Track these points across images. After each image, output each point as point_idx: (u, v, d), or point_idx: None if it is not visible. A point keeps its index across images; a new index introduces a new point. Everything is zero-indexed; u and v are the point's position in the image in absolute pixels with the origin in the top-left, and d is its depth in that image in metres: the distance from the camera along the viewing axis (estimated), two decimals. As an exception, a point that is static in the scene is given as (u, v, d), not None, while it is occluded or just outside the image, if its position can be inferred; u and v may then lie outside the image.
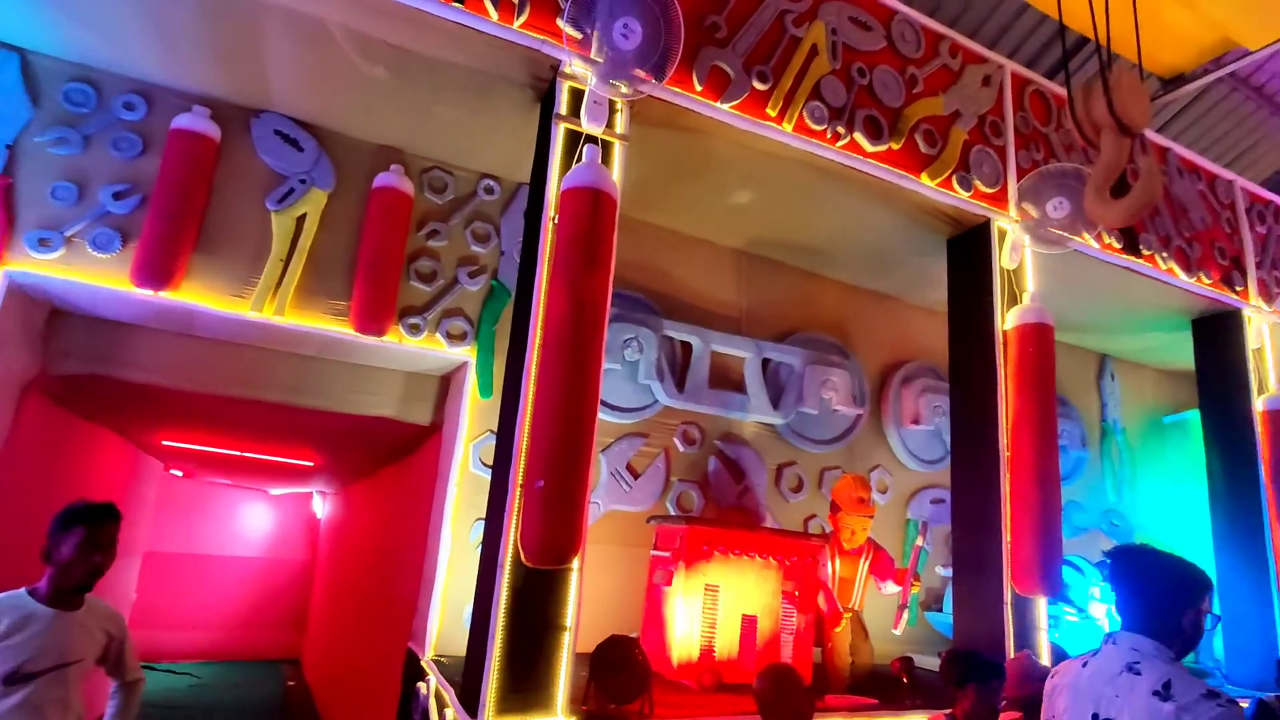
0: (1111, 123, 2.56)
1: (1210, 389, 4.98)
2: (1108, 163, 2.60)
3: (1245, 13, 3.65)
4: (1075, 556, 5.03)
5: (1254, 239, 5.02)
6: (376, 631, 5.05)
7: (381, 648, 4.63)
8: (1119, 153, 2.59)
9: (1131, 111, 2.54)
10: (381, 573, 5.34)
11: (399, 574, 4.39)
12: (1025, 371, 3.62)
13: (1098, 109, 2.60)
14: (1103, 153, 2.62)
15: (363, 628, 5.80)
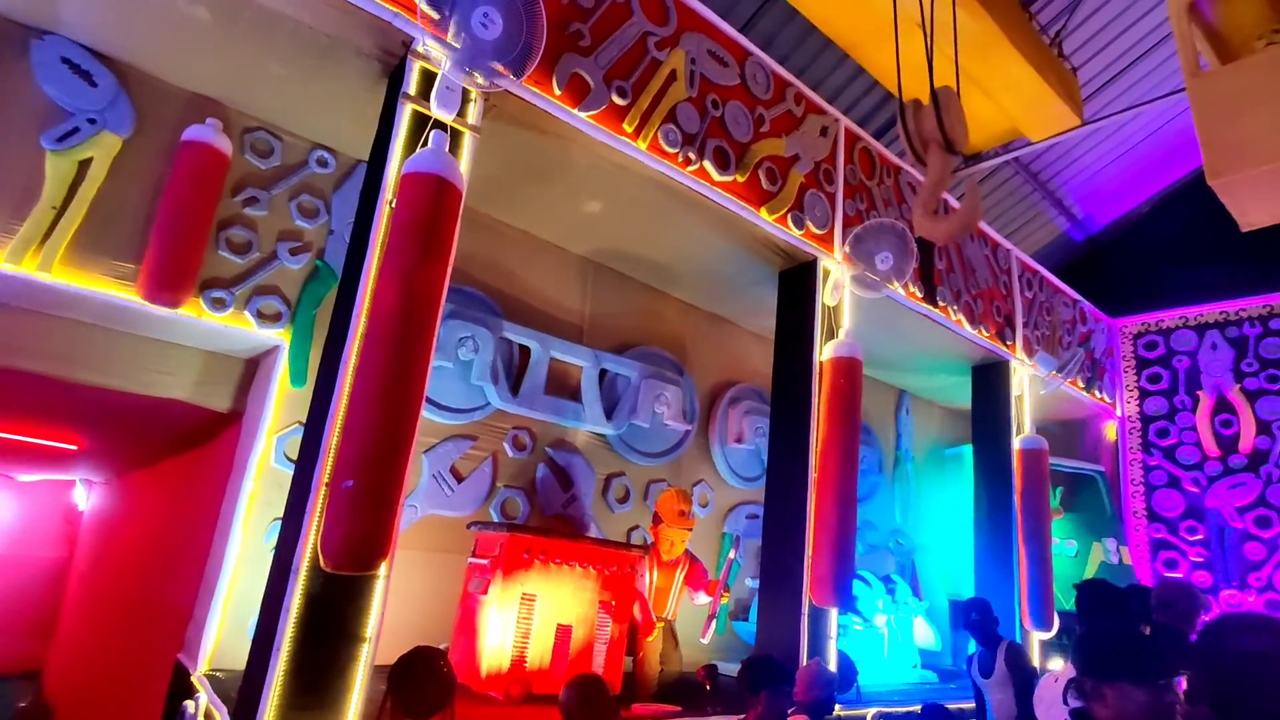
0: (939, 139, 2.82)
1: (982, 427, 5.74)
2: (935, 179, 2.86)
3: (1030, 110, 4.27)
4: (864, 571, 5.55)
5: (1023, 302, 5.86)
6: (141, 641, 4.43)
7: (145, 660, 4.07)
8: (944, 169, 2.86)
9: (957, 130, 2.82)
10: (152, 575, 4.70)
11: (172, 577, 3.88)
12: (836, 401, 3.95)
13: (927, 124, 2.85)
14: (930, 169, 2.88)
15: (125, 637, 5.06)
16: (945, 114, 2.69)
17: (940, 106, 2.71)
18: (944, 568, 6.68)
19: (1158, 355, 6.86)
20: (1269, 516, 6.06)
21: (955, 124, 2.72)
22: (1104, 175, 7.23)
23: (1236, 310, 6.45)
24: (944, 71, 3.99)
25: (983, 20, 3.79)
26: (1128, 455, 6.86)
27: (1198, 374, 6.59)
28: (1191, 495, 6.47)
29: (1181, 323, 6.74)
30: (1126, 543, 6.63)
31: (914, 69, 3.53)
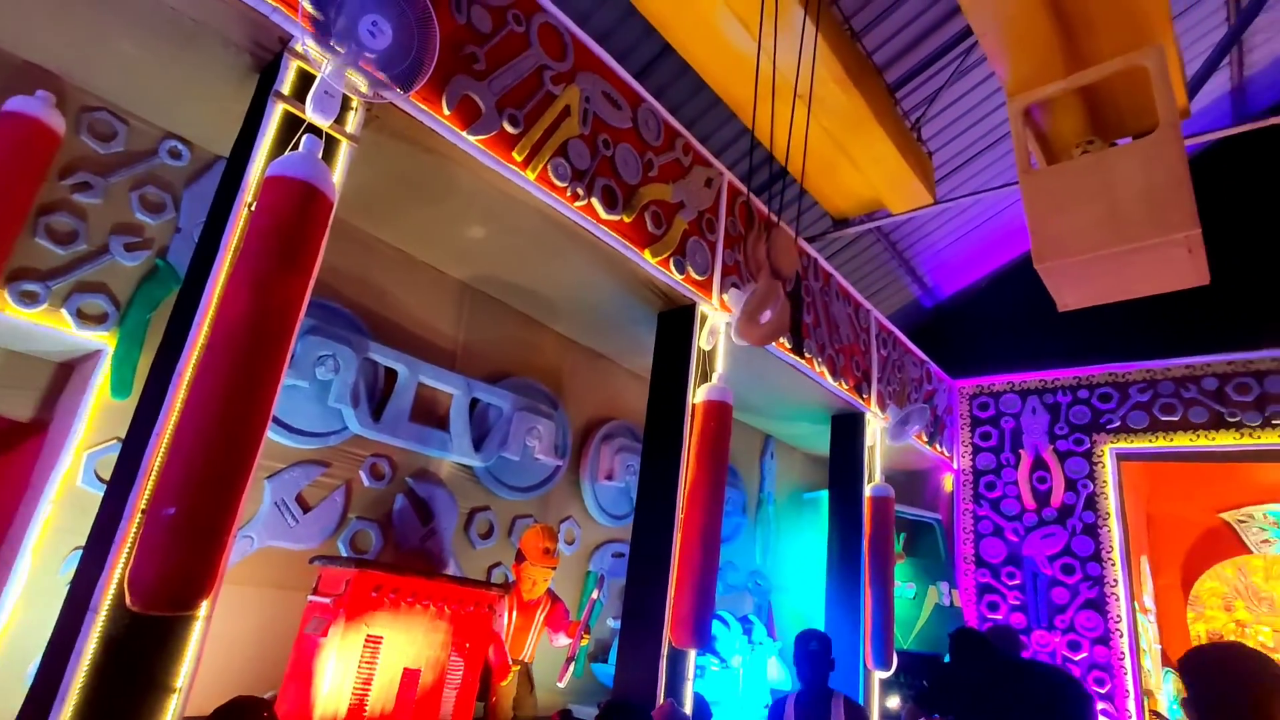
0: (767, 265, 3.11)
1: (838, 474, 6.07)
2: (760, 296, 3.15)
3: (891, 185, 4.67)
4: (724, 611, 5.65)
5: (879, 359, 6.32)
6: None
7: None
8: (769, 290, 3.15)
9: (781, 261, 3.12)
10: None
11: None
12: (706, 443, 4.03)
13: (760, 253, 3.15)
14: (758, 288, 3.16)
15: None
16: (773, 248, 3.12)
17: (770, 241, 3.13)
18: (798, 608, 6.94)
19: (989, 415, 7.59)
20: (1073, 564, 6.79)
21: (781, 256, 3.15)
22: (951, 250, 8.03)
23: (1052, 379, 7.28)
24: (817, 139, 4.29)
25: (855, 99, 4.11)
26: (961, 505, 7.50)
27: (1020, 434, 7.35)
28: (1011, 544, 7.14)
29: (1009, 387, 7.52)
30: (957, 586, 7.20)
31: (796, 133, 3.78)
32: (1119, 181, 3.56)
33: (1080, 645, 6.57)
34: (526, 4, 3.38)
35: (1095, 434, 6.96)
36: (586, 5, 4.65)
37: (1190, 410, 6.56)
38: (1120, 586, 6.55)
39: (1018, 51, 3.57)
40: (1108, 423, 6.93)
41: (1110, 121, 4.07)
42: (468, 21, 3.09)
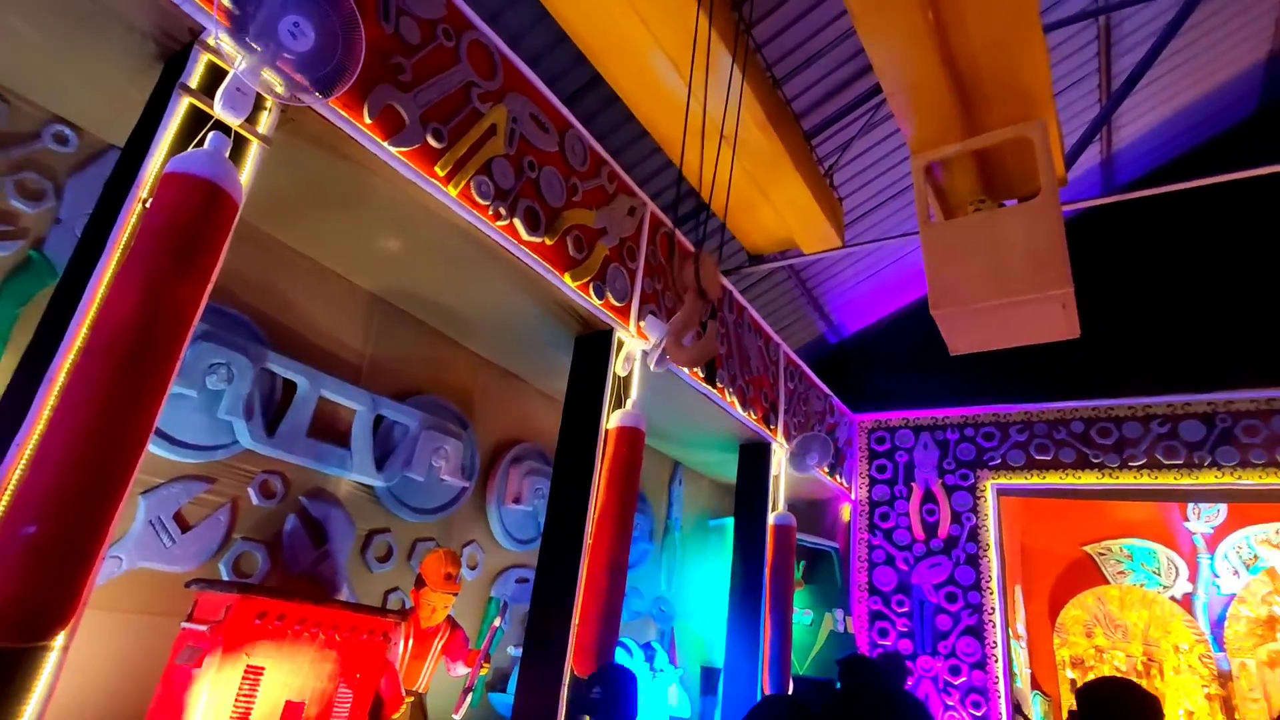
0: (695, 288, 3.20)
1: (743, 502, 6.21)
2: (686, 317, 3.23)
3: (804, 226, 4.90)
4: (627, 638, 5.63)
5: (786, 391, 6.54)
6: None
7: None
8: (695, 311, 3.23)
9: (709, 285, 3.21)
10: None
11: None
12: (617, 469, 4.04)
13: (688, 274, 3.23)
14: (685, 309, 3.24)
15: None
16: (702, 270, 3.22)
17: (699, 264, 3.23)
18: (701, 634, 7.00)
19: (885, 449, 7.98)
20: (956, 593, 7.19)
21: (709, 278, 3.24)
22: (857, 290, 8.45)
23: (943, 417, 7.76)
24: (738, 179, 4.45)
25: (774, 143, 4.30)
26: (857, 535, 7.81)
27: (913, 468, 7.76)
28: (902, 572, 7.50)
29: (904, 423, 7.95)
30: (852, 613, 7.47)
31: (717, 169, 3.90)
32: (1005, 240, 3.88)
33: (960, 670, 6.94)
34: (458, 20, 3.36)
35: (979, 470, 7.44)
36: (519, 26, 4.66)
37: (1061, 451, 7.13)
38: (997, 614, 6.98)
39: (922, 114, 3.84)
40: (990, 460, 7.43)
41: (1000, 184, 4.44)
42: (395, 32, 3.03)
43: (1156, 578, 8.34)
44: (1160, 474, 6.71)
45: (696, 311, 3.30)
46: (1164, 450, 6.71)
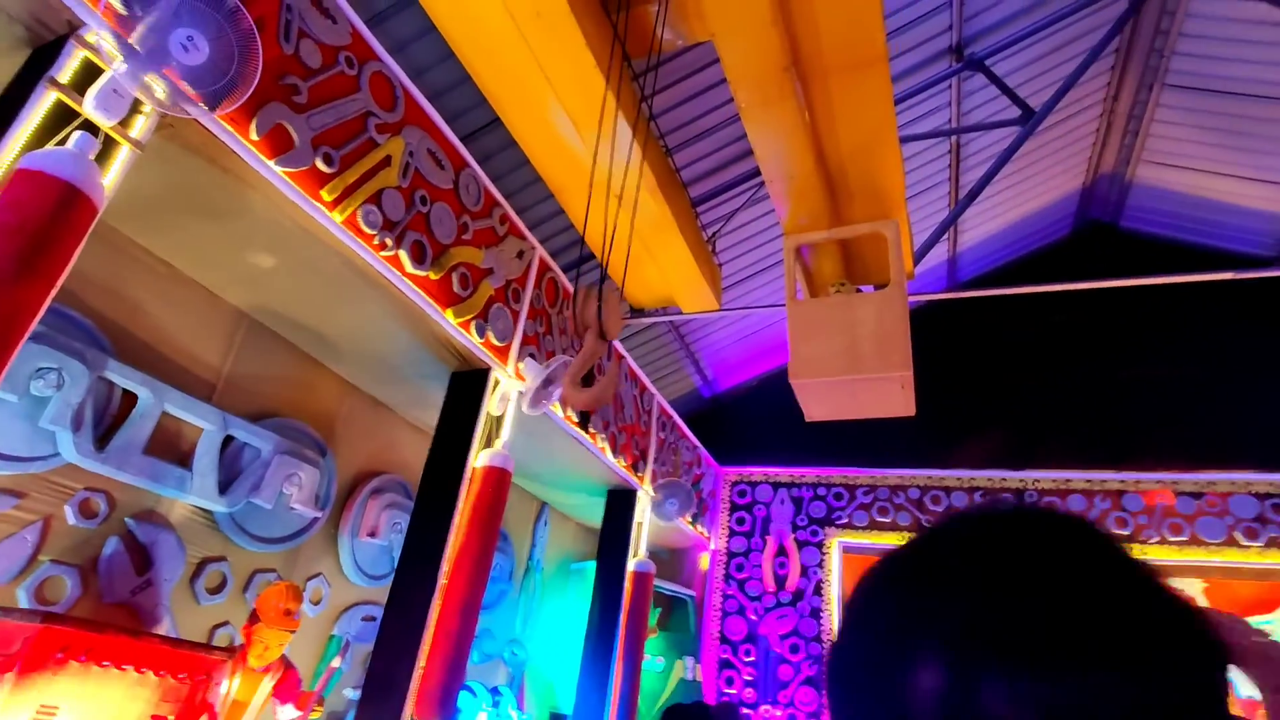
0: (596, 326, 3.26)
1: (606, 547, 6.29)
2: (585, 357, 3.26)
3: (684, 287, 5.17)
4: (474, 682, 5.49)
5: (657, 441, 6.76)
6: None
7: None
8: (595, 351, 3.28)
9: (610, 322, 3.28)
10: None
11: None
12: (481, 508, 4.03)
13: (589, 311, 3.29)
14: (584, 348, 3.29)
15: None
16: (605, 307, 3.25)
17: (602, 300, 3.28)
18: (552, 679, 6.93)
19: (745, 502, 8.36)
20: (799, 644, 7.57)
21: (610, 317, 3.28)
22: (730, 349, 8.91)
23: (800, 475, 8.26)
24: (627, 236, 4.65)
25: (662, 206, 4.55)
26: (713, 584, 8.08)
27: (769, 522, 8.17)
28: (751, 622, 7.80)
29: (764, 479, 8.38)
30: (701, 661, 7.67)
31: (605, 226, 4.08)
32: (858, 322, 4.29)
33: (796, 719, 7.27)
34: (361, 50, 3.37)
35: (827, 527, 7.95)
36: (426, 60, 4.69)
37: (899, 514, 7.77)
38: (833, 666, 7.40)
39: (795, 202, 4.23)
40: (838, 519, 7.97)
41: (860, 270, 4.92)
42: (295, 53, 3.01)
43: (973, 635, 9.18)
44: (979, 540, 7.47)
45: (596, 352, 3.32)
46: (983, 519, 7.48)
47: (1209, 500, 6.84)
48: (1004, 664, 0.43)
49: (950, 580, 0.50)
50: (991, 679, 0.43)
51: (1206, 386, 7.82)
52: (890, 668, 0.48)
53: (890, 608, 0.53)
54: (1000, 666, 0.43)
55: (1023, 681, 0.42)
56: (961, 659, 0.45)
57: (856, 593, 0.57)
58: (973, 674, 0.43)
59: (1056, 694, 0.41)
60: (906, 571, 0.55)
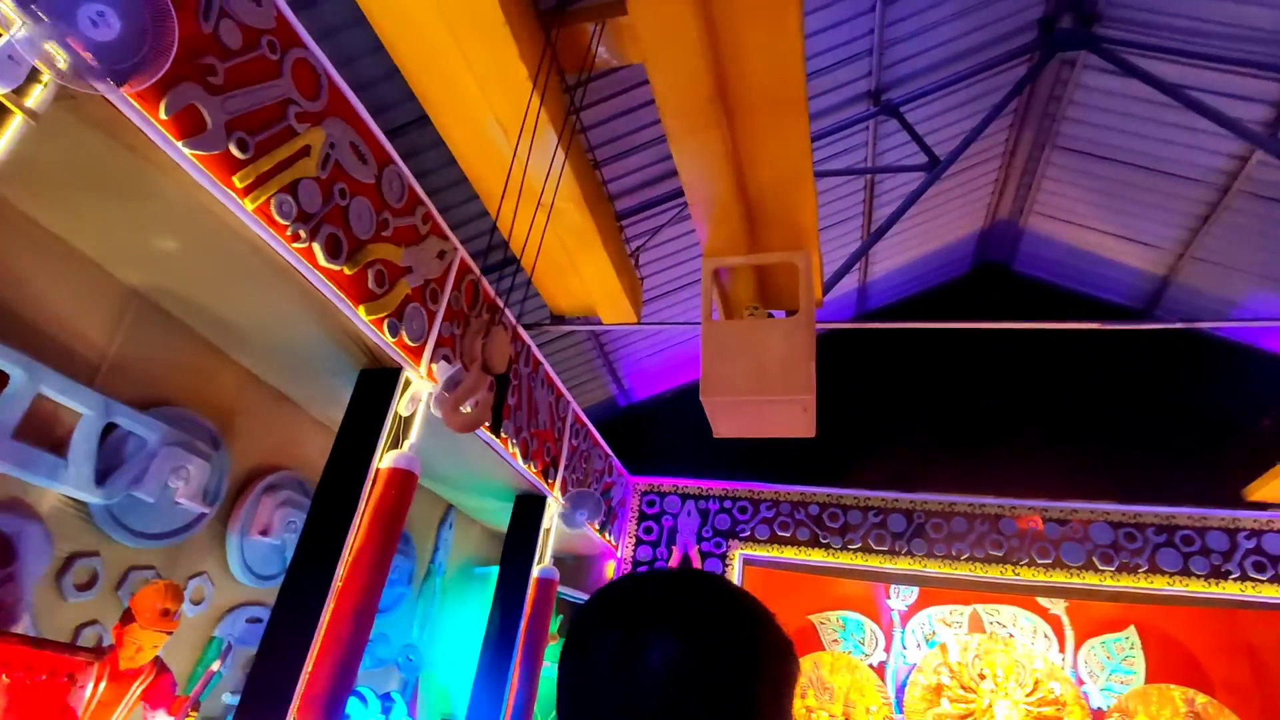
0: (479, 360, 3.34)
1: (511, 552, 6.27)
2: (467, 388, 3.35)
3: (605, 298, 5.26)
4: (364, 687, 5.36)
5: (569, 448, 6.79)
6: None
7: None
8: (477, 383, 3.37)
9: (494, 359, 3.38)
10: None
11: None
12: (382, 511, 3.95)
13: (476, 348, 3.37)
14: (469, 378, 3.36)
15: None
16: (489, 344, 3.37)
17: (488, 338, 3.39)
18: (447, 686, 6.82)
19: (654, 512, 8.51)
20: (696, 653, 7.75)
21: (496, 353, 3.40)
22: (648, 361, 9.06)
23: (707, 488, 8.48)
24: (551, 245, 4.70)
25: (587, 218, 4.63)
26: (616, 592, 8.16)
27: (676, 533, 8.34)
28: (652, 631, 7.93)
29: (674, 490, 8.55)
30: (599, 669, 7.72)
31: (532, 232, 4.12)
32: (767, 345, 4.50)
33: (689, 727, 7.44)
34: (286, 35, 3.29)
35: (730, 540, 8.19)
36: (354, 49, 4.59)
37: (799, 529, 8.10)
38: (727, 675, 7.61)
39: (715, 226, 4.39)
40: (741, 531, 8.22)
41: (772, 296, 5.14)
42: (214, 32, 2.91)
43: (861, 647, 9.62)
44: (870, 557, 7.87)
45: (480, 385, 3.41)
46: (875, 537, 7.90)
47: (1073, 527, 7.47)
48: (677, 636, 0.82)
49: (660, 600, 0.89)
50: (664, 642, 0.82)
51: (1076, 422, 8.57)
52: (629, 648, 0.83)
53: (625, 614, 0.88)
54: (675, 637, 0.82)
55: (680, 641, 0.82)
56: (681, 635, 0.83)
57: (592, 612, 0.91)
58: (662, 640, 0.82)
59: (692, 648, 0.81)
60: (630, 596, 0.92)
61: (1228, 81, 6.03)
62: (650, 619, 0.84)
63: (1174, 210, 7.52)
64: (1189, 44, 5.98)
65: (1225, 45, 5.86)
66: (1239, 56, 5.83)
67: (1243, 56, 5.82)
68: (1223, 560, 7.06)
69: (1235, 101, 6.07)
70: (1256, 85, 5.98)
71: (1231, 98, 6.06)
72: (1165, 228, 7.76)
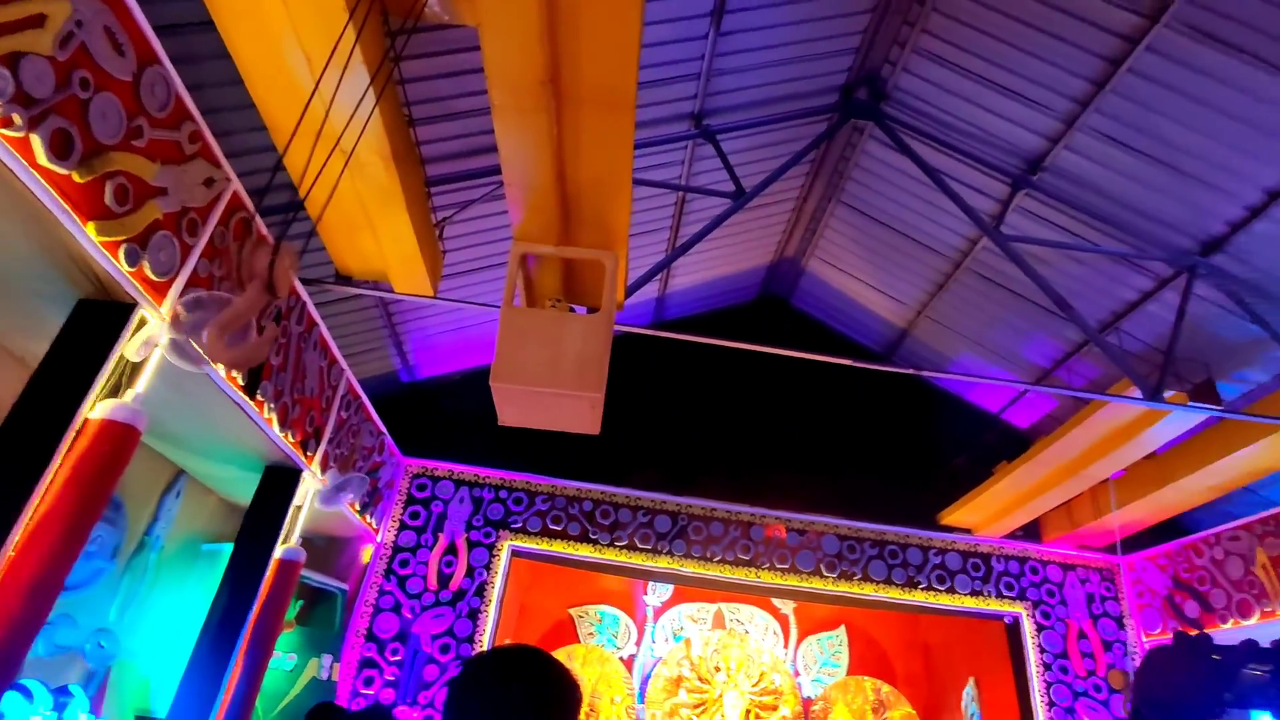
0: (265, 279, 2.94)
1: (252, 529, 5.60)
2: (241, 309, 2.92)
3: (401, 266, 4.92)
4: (33, 680, 4.46)
5: (337, 420, 6.24)
6: None
7: None
8: (255, 305, 2.95)
9: (281, 280, 2.98)
10: None
11: None
12: (86, 469, 3.30)
13: (259, 261, 2.95)
14: (244, 298, 2.93)
15: None
16: (279, 263, 2.98)
17: (276, 253, 3.00)
18: (148, 678, 5.91)
19: (424, 497, 8.13)
20: (450, 644, 7.53)
21: (283, 276, 3.02)
22: (439, 339, 8.66)
23: (484, 476, 8.29)
24: (347, 198, 4.30)
25: (392, 177, 4.29)
26: (371, 578, 7.67)
27: (445, 519, 8.04)
28: (405, 620, 7.56)
29: (449, 475, 8.25)
30: (341, 660, 7.19)
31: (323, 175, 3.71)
32: (566, 339, 4.50)
33: (434, 719, 7.19)
34: None
35: (501, 530, 8.08)
36: (128, -83, 3.81)
37: (570, 524, 8.22)
38: (479, 666, 7.48)
39: (529, 212, 4.30)
40: (513, 522, 8.15)
41: (578, 291, 5.16)
42: None
43: (614, 640, 10.01)
44: (635, 555, 8.22)
45: (256, 308, 2.97)
46: (641, 536, 8.26)
47: (808, 537, 8.43)
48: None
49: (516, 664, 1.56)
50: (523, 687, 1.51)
51: (821, 445, 9.70)
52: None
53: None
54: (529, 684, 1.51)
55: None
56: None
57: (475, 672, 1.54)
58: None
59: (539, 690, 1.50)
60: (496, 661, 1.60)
61: (973, 176, 7.21)
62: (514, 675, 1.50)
63: (920, 274, 8.83)
64: (951, 138, 7.06)
65: (976, 145, 7.01)
66: (983, 156, 7.00)
67: (985, 157, 7.00)
68: (916, 572, 8.39)
69: (975, 193, 7.28)
70: (992, 183, 7.22)
71: (973, 190, 7.26)
72: (911, 288, 9.09)
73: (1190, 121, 5.67)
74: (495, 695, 1.45)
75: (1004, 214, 7.30)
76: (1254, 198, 5.88)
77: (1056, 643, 8.18)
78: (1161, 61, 5.47)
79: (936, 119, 7.08)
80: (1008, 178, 7.00)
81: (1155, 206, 6.41)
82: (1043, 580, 8.49)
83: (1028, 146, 6.72)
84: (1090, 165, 6.49)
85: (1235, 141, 5.60)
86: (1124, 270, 7.16)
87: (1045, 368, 8.74)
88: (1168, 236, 6.53)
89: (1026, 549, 8.66)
